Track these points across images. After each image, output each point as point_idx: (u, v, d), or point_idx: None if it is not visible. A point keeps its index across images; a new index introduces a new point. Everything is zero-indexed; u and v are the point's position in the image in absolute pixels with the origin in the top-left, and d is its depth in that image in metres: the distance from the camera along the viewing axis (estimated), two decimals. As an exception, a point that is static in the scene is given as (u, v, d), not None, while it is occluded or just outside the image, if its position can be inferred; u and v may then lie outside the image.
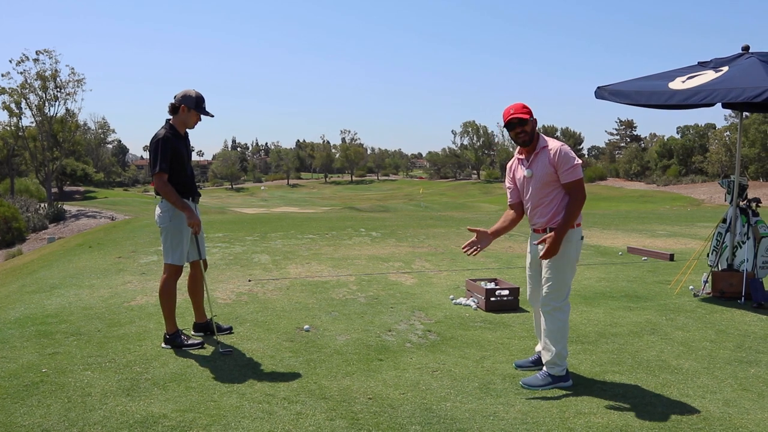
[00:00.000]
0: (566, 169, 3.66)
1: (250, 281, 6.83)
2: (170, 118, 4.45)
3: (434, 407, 3.40)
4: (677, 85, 5.72)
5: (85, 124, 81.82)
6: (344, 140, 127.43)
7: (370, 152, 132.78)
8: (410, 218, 15.98)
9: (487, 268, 7.99)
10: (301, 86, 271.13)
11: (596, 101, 6.38)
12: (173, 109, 4.43)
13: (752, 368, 4.11)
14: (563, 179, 3.69)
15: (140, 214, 30.87)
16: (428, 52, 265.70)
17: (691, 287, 6.62)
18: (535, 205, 3.81)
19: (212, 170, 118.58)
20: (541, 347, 3.90)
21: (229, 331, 4.80)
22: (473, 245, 3.84)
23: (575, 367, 4.08)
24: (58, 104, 41.10)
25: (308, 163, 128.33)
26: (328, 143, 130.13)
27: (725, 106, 5.97)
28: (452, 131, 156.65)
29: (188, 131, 4.60)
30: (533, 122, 3.76)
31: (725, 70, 5.62)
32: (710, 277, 6.37)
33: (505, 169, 4.15)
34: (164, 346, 4.40)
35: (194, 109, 4.43)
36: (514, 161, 4.00)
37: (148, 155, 5.26)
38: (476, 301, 5.79)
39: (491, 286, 5.86)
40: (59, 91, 40.54)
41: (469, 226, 3.98)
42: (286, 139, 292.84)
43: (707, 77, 5.60)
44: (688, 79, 5.74)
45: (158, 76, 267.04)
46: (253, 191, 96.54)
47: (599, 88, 6.31)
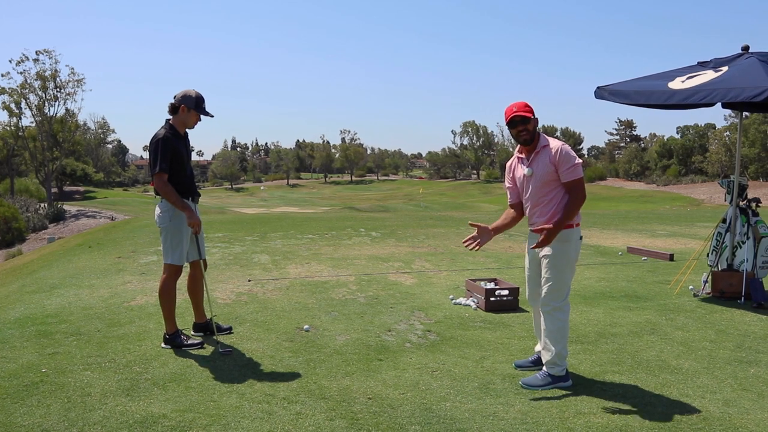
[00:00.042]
0: (567, 168, 3.67)
1: (249, 281, 6.82)
2: (170, 118, 4.45)
3: (434, 407, 3.40)
4: (677, 84, 5.72)
5: (84, 124, 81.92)
6: (344, 140, 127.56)
7: (369, 152, 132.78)
8: (410, 218, 15.98)
9: (486, 268, 7.99)
10: (301, 86, 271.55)
11: (596, 101, 6.39)
12: (173, 109, 4.43)
13: (752, 368, 4.11)
14: (564, 178, 3.69)
15: (140, 214, 30.88)
16: (428, 52, 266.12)
17: (690, 287, 6.62)
18: (534, 204, 3.82)
19: (212, 170, 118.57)
20: (540, 347, 3.90)
21: (228, 331, 4.80)
22: (474, 239, 3.86)
23: (575, 367, 4.08)
24: (57, 104, 41.25)
25: (308, 163, 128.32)
26: (327, 143, 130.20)
27: (725, 105, 5.97)
28: (452, 131, 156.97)
29: (188, 131, 4.60)
30: (535, 121, 3.77)
31: (725, 70, 5.62)
32: (710, 277, 6.37)
33: (504, 169, 4.16)
34: (164, 346, 4.40)
35: (194, 109, 4.43)
36: (513, 160, 4.01)
37: (147, 155, 5.25)
38: (476, 301, 5.80)
39: (491, 286, 5.86)
40: (59, 91, 40.64)
41: (470, 221, 4.01)
42: (285, 139, 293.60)
43: (707, 77, 5.60)
44: (687, 78, 5.74)
45: (158, 76, 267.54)
46: (252, 191, 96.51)
47: (599, 88, 6.31)
